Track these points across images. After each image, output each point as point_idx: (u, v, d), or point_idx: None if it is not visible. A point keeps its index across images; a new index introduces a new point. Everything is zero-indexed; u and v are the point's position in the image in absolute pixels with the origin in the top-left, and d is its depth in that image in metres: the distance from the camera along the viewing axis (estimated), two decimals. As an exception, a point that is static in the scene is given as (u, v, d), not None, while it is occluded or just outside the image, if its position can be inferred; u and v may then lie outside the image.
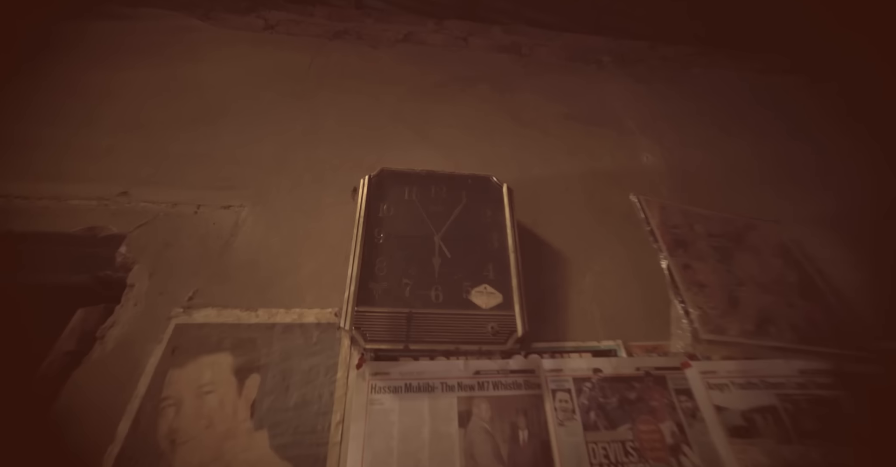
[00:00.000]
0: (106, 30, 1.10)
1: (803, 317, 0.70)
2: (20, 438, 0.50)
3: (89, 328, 0.62)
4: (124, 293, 0.64)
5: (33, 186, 0.72)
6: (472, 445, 0.55)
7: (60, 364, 0.58)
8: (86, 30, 1.08)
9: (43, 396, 0.53)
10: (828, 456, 0.58)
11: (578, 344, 0.67)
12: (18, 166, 0.76)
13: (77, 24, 1.08)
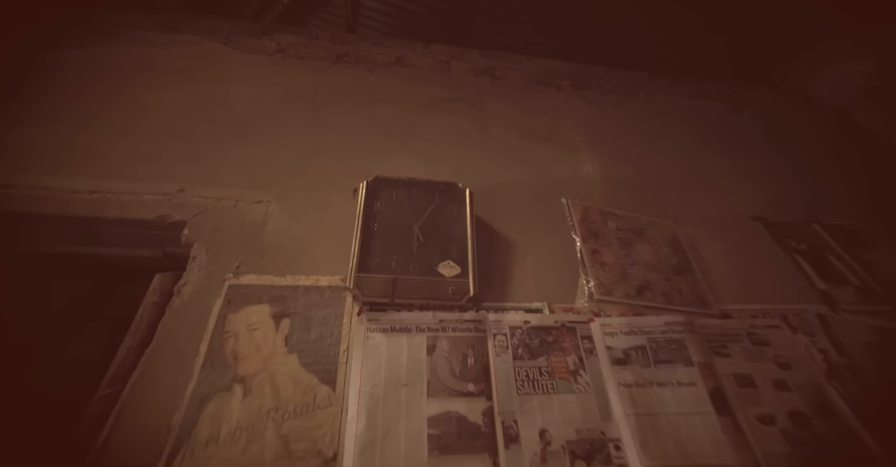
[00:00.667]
0: (143, 54, 1.32)
1: (673, 287, 0.98)
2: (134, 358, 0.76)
3: (166, 287, 0.87)
4: (189, 263, 0.89)
5: (116, 184, 0.96)
6: (435, 366, 0.82)
7: (150, 311, 0.83)
8: (123, 54, 1.30)
9: (146, 327, 0.78)
10: (671, 375, 0.86)
11: (515, 304, 0.94)
12: (98, 168, 1.00)
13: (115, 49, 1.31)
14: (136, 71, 1.25)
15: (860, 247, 1.21)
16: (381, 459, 0.71)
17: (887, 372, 0.94)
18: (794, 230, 1.25)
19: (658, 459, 0.77)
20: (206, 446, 0.68)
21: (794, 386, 0.90)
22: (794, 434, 0.83)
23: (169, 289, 0.86)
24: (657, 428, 0.81)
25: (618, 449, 0.78)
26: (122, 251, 0.93)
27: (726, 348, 0.95)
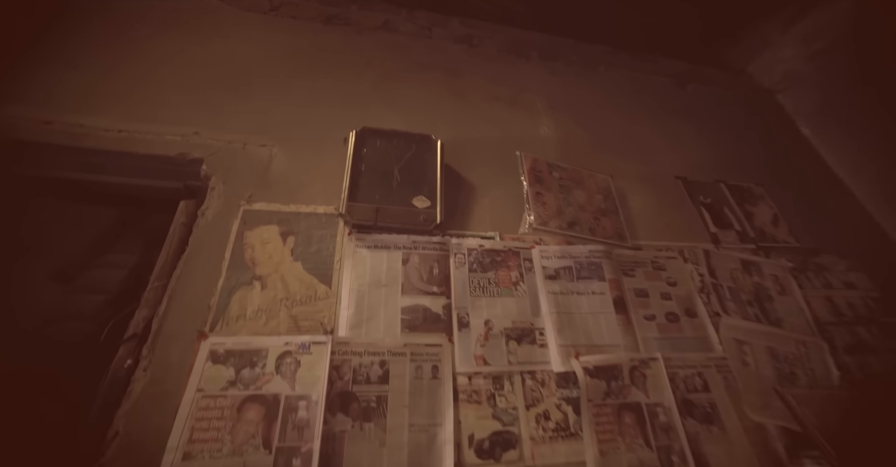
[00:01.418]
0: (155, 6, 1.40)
1: (599, 224, 1.25)
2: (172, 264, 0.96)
3: (191, 211, 1.06)
4: (208, 192, 1.08)
5: (139, 125, 1.11)
6: (408, 274, 1.06)
7: (179, 229, 1.03)
8: (138, 5, 1.39)
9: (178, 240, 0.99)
10: (588, 287, 1.14)
11: (474, 232, 1.18)
12: (122, 110, 1.14)
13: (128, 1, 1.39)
14: (151, 23, 1.35)
15: (747, 203, 1.50)
16: (366, 333, 0.96)
17: (741, 290, 1.25)
18: (705, 187, 1.52)
19: (569, 340, 1.05)
20: (237, 320, 0.91)
21: (675, 296, 1.20)
22: (665, 327, 1.14)
23: (193, 212, 1.05)
24: (572, 322, 1.09)
25: (541, 334, 1.06)
26: (150, 182, 1.11)
27: (633, 271, 1.23)
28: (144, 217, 1.18)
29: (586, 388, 0.99)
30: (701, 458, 0.97)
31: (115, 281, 1.10)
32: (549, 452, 0.92)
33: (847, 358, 1.21)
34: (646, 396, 1.02)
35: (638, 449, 0.96)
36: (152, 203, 1.16)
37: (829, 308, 1.31)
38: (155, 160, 1.09)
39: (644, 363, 1.07)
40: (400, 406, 0.89)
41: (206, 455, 0.76)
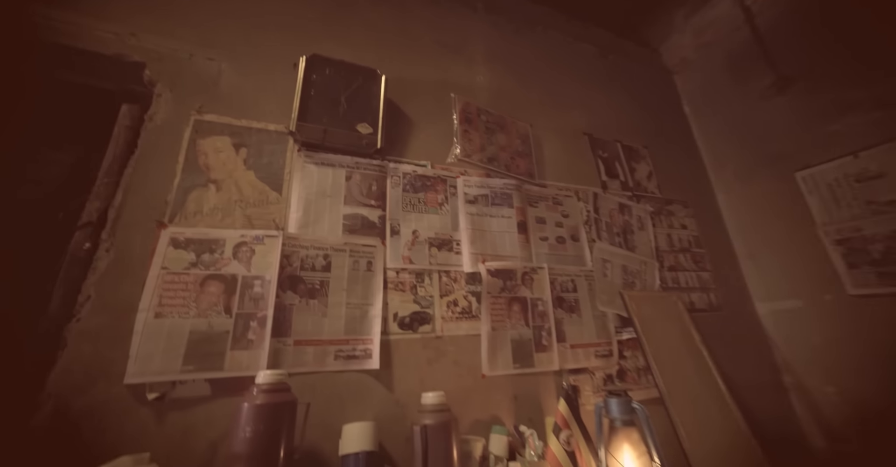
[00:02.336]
0: None
1: (514, 163, 1.50)
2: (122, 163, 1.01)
3: (135, 114, 1.09)
4: (155, 98, 1.10)
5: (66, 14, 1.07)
6: (350, 188, 1.22)
7: (124, 132, 1.06)
8: None
9: (124, 142, 1.03)
10: (499, 211, 1.40)
11: (409, 160, 1.36)
12: None
13: None
14: None
15: (633, 160, 1.86)
16: (312, 232, 1.13)
17: (614, 224, 1.62)
18: (604, 144, 1.84)
19: (479, 250, 1.32)
20: (195, 215, 1.02)
21: (566, 225, 1.53)
22: (554, 246, 1.46)
23: (139, 116, 1.08)
24: (483, 237, 1.35)
25: (458, 244, 1.31)
26: (83, 78, 1.09)
27: (537, 203, 1.52)
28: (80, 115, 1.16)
29: (487, 285, 1.28)
30: (561, 334, 1.34)
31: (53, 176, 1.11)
32: (455, 327, 1.21)
33: (667, 273, 1.67)
34: (531, 293, 1.35)
35: (520, 327, 1.29)
36: (85, 102, 1.14)
37: (666, 240, 1.75)
38: (87, 55, 1.07)
39: (533, 270, 1.39)
40: (339, 289, 1.10)
41: (175, 315, 0.92)
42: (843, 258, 1.56)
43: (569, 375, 1.31)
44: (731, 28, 2.01)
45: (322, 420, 0.96)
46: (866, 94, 1.54)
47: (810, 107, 1.70)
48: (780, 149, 1.80)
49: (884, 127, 1.48)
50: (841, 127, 1.60)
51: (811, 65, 1.70)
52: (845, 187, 1.57)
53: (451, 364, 1.17)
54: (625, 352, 1.44)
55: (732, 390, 1.52)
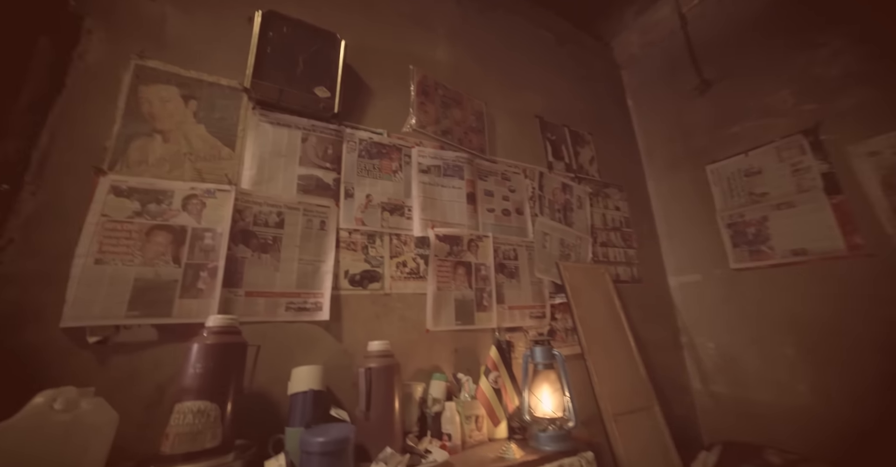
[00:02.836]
0: None
1: (467, 138, 1.58)
2: (56, 97, 0.95)
3: (61, 50, 1.01)
4: (84, 34, 1.02)
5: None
6: (306, 150, 1.24)
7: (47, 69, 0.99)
8: None
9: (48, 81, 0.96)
10: (450, 182, 1.48)
11: (366, 127, 1.39)
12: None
13: None
14: None
15: (578, 145, 2.01)
16: (266, 189, 1.14)
17: (556, 202, 1.77)
18: (553, 128, 1.97)
19: (429, 216, 1.40)
20: (139, 165, 1.00)
21: (512, 199, 1.65)
22: (500, 217, 1.58)
23: (64, 53, 1.00)
24: (434, 205, 1.43)
25: (409, 210, 1.38)
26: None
27: (486, 177, 1.62)
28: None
29: (435, 248, 1.37)
30: (501, 296, 1.48)
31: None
32: (403, 286, 1.30)
33: (599, 248, 1.87)
34: (475, 258, 1.47)
35: (464, 289, 1.41)
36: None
37: (601, 219, 1.95)
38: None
39: (479, 238, 1.50)
40: (292, 245, 1.13)
41: (118, 262, 0.91)
42: (730, 239, 1.84)
43: (505, 332, 1.46)
44: (669, 31, 2.19)
45: (272, 365, 1.01)
46: (757, 104, 1.79)
47: (720, 110, 1.93)
48: (697, 145, 2.04)
49: (767, 132, 1.75)
50: (739, 129, 1.85)
51: (724, 73, 1.93)
52: (737, 180, 1.84)
53: (398, 319, 1.26)
54: (556, 315, 1.62)
55: (641, 347, 1.77)
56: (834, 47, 1.58)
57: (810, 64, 1.64)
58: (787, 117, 1.70)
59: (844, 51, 1.55)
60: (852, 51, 1.53)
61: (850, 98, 1.52)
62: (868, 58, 1.49)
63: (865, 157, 1.41)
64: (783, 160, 1.69)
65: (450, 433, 1.07)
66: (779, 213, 1.69)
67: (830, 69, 1.58)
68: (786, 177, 1.68)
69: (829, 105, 1.57)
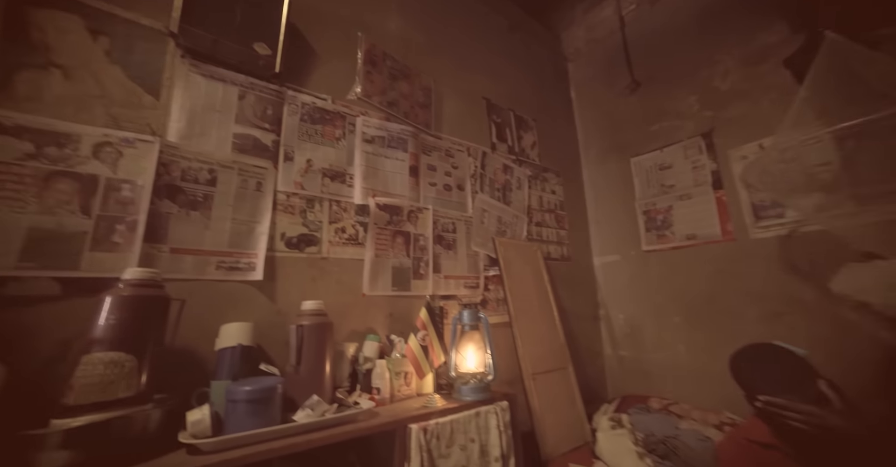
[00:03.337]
0: None
1: (413, 111, 1.60)
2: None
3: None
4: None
5: None
6: (243, 108, 1.18)
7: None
8: None
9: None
10: (393, 154, 1.50)
11: (310, 91, 1.35)
12: None
13: None
14: None
15: (522, 129, 2.12)
16: (197, 145, 1.08)
17: (496, 181, 1.87)
18: (499, 110, 2.04)
19: (370, 185, 1.42)
20: (29, 101, 0.88)
21: (454, 176, 1.71)
22: (441, 192, 1.64)
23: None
24: (376, 174, 1.45)
25: (351, 178, 1.39)
26: None
27: (430, 152, 1.66)
28: None
29: (375, 217, 1.40)
30: (437, 266, 1.55)
31: None
32: (341, 251, 1.31)
33: (534, 227, 2.02)
34: (414, 229, 1.52)
35: (401, 257, 1.45)
36: None
37: (538, 201, 2.09)
38: None
39: (419, 210, 1.54)
40: (225, 204, 1.10)
41: (3, 208, 0.82)
42: (644, 224, 2.08)
43: (440, 299, 1.54)
44: (610, 31, 2.35)
45: (200, 322, 0.99)
46: (672, 106, 2.02)
47: (645, 108, 2.14)
48: (625, 139, 2.24)
49: (677, 132, 1.99)
50: (658, 128, 2.07)
51: (650, 76, 2.13)
52: (653, 173, 2.07)
53: (335, 283, 1.29)
54: (489, 286, 1.74)
55: (565, 318, 1.97)
56: (726, 65, 1.82)
57: (710, 77, 1.87)
58: (692, 121, 1.93)
59: (732, 70, 1.80)
60: (737, 70, 1.79)
61: (734, 110, 1.78)
62: (747, 77, 1.75)
63: (738, 160, 1.67)
64: (687, 158, 1.93)
65: (379, 387, 1.14)
66: (680, 203, 1.94)
67: (723, 83, 1.83)
68: (688, 172, 1.92)
69: (721, 113, 1.83)
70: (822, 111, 1.17)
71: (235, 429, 0.79)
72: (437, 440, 1.04)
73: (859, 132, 1.39)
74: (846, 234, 1.27)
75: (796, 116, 1.23)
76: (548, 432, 1.53)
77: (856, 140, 1.41)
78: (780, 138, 1.25)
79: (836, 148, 1.45)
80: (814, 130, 1.48)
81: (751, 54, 1.75)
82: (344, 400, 1.03)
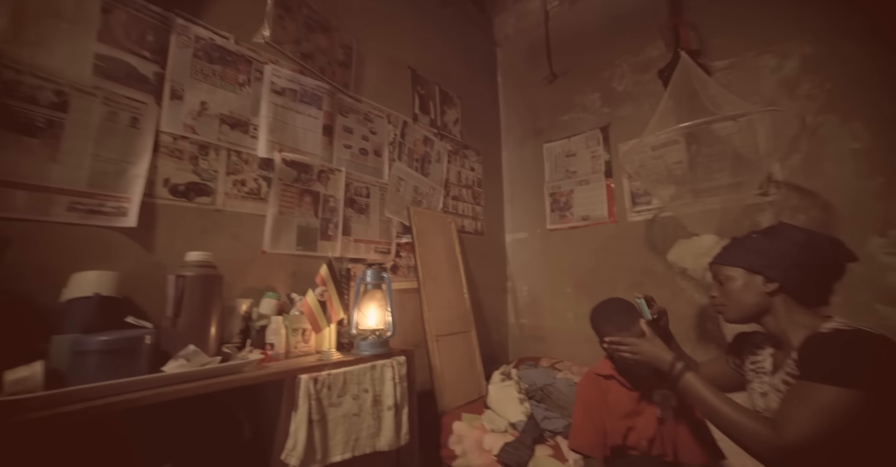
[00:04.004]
0: None
1: (331, 69, 1.52)
2: None
3: None
4: None
5: None
6: (110, 24, 1.00)
7: None
8: None
9: None
10: (306, 110, 1.42)
11: (208, 25, 1.19)
12: None
13: None
14: None
15: (446, 104, 2.15)
16: (33, 55, 0.89)
17: (415, 152, 1.88)
18: (425, 83, 2.04)
19: (277, 139, 1.33)
20: None
21: (372, 141, 1.67)
22: (357, 155, 1.60)
23: None
24: (285, 129, 1.35)
25: (255, 129, 1.28)
26: None
27: (348, 114, 1.60)
28: None
29: (281, 172, 1.32)
30: (348, 229, 1.53)
31: None
32: (240, 205, 1.22)
33: (450, 201, 2.10)
34: (325, 189, 1.47)
35: (308, 216, 1.40)
36: None
37: (456, 176, 2.16)
38: None
39: (331, 171, 1.49)
40: (84, 137, 0.94)
41: None
42: (549, 205, 2.29)
43: (349, 262, 1.53)
44: (537, 22, 2.45)
45: (45, 270, 0.86)
46: (580, 100, 2.22)
47: (559, 99, 2.32)
48: (541, 126, 2.40)
49: (582, 124, 2.20)
50: (568, 118, 2.27)
51: (566, 69, 2.30)
52: (560, 159, 2.27)
53: (230, 237, 1.20)
54: (401, 253, 1.77)
55: (475, 288, 2.09)
56: (623, 70, 2.05)
57: (610, 78, 2.09)
58: (594, 115, 2.15)
59: (626, 75, 2.04)
60: (629, 76, 2.03)
61: (626, 109, 2.03)
62: (636, 83, 2.00)
63: (624, 154, 1.90)
64: (588, 147, 2.15)
65: (273, 343, 1.11)
66: (580, 188, 2.17)
67: (619, 85, 2.06)
68: (587, 160, 2.14)
69: (616, 111, 2.06)
70: (679, 118, 1.39)
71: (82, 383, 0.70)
72: (329, 389, 1.06)
73: (698, 138, 1.69)
74: (685, 219, 1.54)
75: (659, 119, 1.44)
76: (446, 388, 1.64)
77: (697, 145, 1.71)
78: (645, 138, 1.47)
79: (686, 150, 1.74)
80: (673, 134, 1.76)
81: (639, 63, 1.99)
82: (231, 355, 0.99)
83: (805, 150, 1.51)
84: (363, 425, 1.12)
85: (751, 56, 1.65)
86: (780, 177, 1.55)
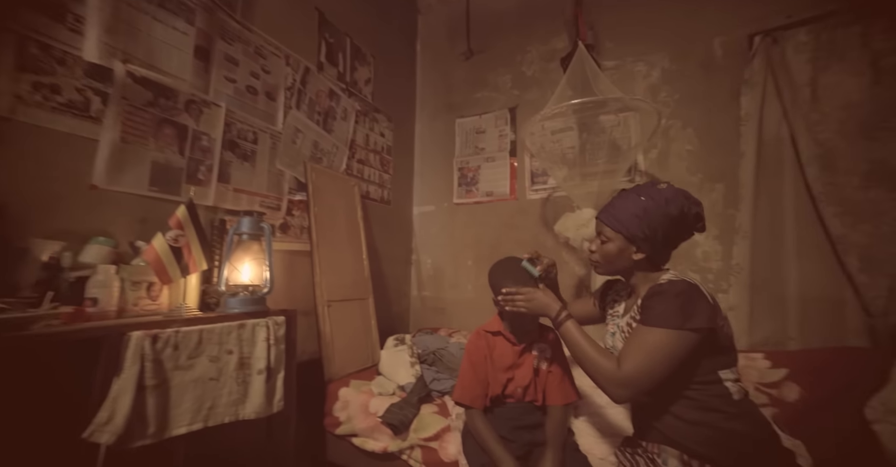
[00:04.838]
0: None
1: None
2: None
3: None
4: None
5: None
6: None
7: None
8: None
9: None
10: (171, 20, 1.13)
11: None
12: None
13: None
14: None
15: (358, 61, 1.97)
16: None
17: (318, 103, 1.68)
18: (335, 31, 1.82)
19: (121, 45, 1.02)
20: None
21: (263, 80, 1.43)
22: (242, 93, 1.35)
23: None
24: (134, 35, 1.05)
25: (78, 19, 0.96)
26: None
27: (234, 42, 1.33)
28: None
29: (125, 89, 1.02)
30: (226, 175, 1.29)
31: None
32: (48, 119, 0.90)
33: (355, 163, 1.95)
34: (196, 125, 1.20)
35: (169, 152, 1.13)
36: None
37: (364, 139, 2.02)
38: None
39: (206, 103, 1.23)
40: None
41: None
42: (457, 180, 2.31)
43: (226, 213, 1.29)
44: (460, -4, 2.41)
45: None
46: (493, 80, 2.27)
47: (474, 76, 2.33)
48: (455, 101, 2.38)
49: (493, 103, 2.26)
50: (480, 96, 2.30)
51: (482, 48, 2.31)
52: (470, 135, 2.30)
53: (29, 159, 0.88)
54: (294, 211, 1.57)
55: (378, 259, 2.00)
56: (532, 56, 2.15)
57: (521, 62, 2.18)
58: (505, 96, 2.21)
59: (535, 61, 2.14)
60: (538, 62, 2.14)
61: (532, 94, 2.13)
62: (542, 70, 2.12)
63: (527, 135, 2.00)
64: (496, 126, 2.21)
65: (96, 297, 0.86)
66: (487, 164, 2.22)
67: (528, 70, 2.16)
68: (495, 139, 2.20)
69: (524, 95, 2.16)
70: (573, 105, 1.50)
71: None
72: (175, 350, 0.87)
73: (589, 127, 1.87)
74: (575, 199, 1.69)
75: (557, 102, 1.53)
76: (336, 355, 1.53)
77: (588, 133, 1.89)
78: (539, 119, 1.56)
79: (578, 136, 1.91)
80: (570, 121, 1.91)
81: (547, 52, 2.10)
82: (7, 309, 0.72)
83: (660, 147, 1.77)
84: (223, 391, 0.95)
85: (630, 61, 1.86)
86: (643, 167, 1.80)
